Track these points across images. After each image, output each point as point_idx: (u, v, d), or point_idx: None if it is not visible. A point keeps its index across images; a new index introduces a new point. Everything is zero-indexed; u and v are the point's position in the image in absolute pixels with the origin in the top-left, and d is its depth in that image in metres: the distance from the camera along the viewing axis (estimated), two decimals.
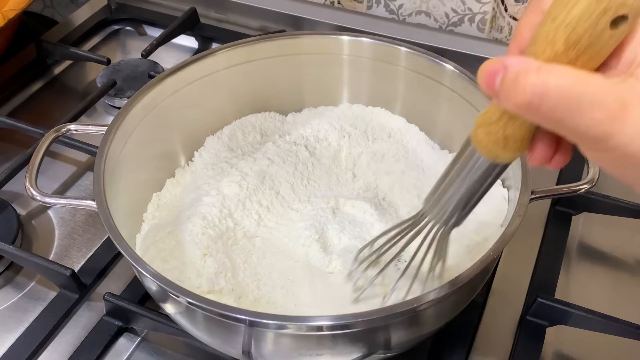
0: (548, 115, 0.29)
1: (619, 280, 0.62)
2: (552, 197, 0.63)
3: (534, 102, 0.29)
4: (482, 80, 0.31)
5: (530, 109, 0.29)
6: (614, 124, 0.28)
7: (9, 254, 0.60)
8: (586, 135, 0.28)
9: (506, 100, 0.30)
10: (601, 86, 0.28)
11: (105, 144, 0.55)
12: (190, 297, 0.44)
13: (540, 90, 0.28)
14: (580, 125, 0.28)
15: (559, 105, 0.28)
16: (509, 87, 0.29)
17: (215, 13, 0.95)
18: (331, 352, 0.46)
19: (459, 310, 0.51)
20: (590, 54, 0.29)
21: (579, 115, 0.28)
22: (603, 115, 0.28)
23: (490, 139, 0.35)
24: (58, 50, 0.86)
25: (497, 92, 0.30)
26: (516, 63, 0.29)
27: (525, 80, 0.29)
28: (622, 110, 0.27)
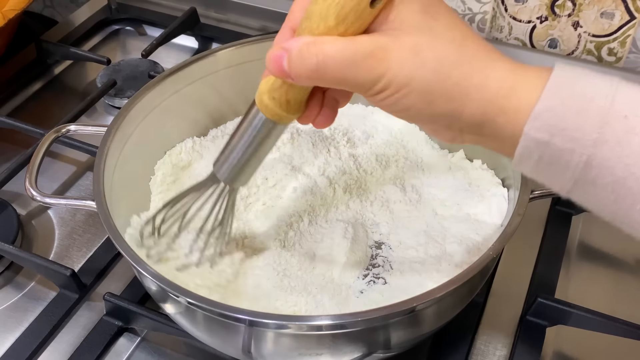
0: (333, 76, 0.36)
1: (619, 280, 0.62)
2: (552, 196, 0.63)
3: (320, 70, 0.35)
4: (271, 66, 0.37)
5: (318, 76, 0.36)
6: (382, 65, 0.35)
7: (9, 254, 0.60)
8: (366, 83, 0.35)
9: (297, 77, 0.36)
10: (366, 41, 0.35)
11: (105, 144, 0.55)
12: (190, 297, 0.44)
13: (321, 59, 0.35)
14: (359, 76, 0.35)
15: (338, 66, 0.35)
16: (296, 64, 0.36)
17: (215, 13, 0.95)
18: (331, 352, 0.46)
19: (459, 310, 0.51)
20: (355, 27, 0.36)
21: (356, 68, 0.35)
22: (373, 61, 0.35)
23: (274, 103, 0.41)
24: (58, 50, 0.86)
25: (288, 73, 0.37)
26: (294, 43, 0.36)
27: (307, 53, 0.35)
28: (385, 53, 0.35)
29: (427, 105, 0.36)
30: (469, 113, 0.35)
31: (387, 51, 0.35)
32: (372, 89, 0.36)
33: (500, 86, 0.35)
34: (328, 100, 0.43)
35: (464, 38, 0.36)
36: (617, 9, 0.75)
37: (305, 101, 0.41)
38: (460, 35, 0.36)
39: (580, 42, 0.79)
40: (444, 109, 0.36)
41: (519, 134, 0.34)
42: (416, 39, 0.35)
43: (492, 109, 0.35)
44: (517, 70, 0.35)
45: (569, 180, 0.34)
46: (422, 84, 0.35)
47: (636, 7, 0.74)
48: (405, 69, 0.35)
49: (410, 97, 0.35)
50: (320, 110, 0.42)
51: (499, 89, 0.35)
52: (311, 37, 0.36)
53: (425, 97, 0.35)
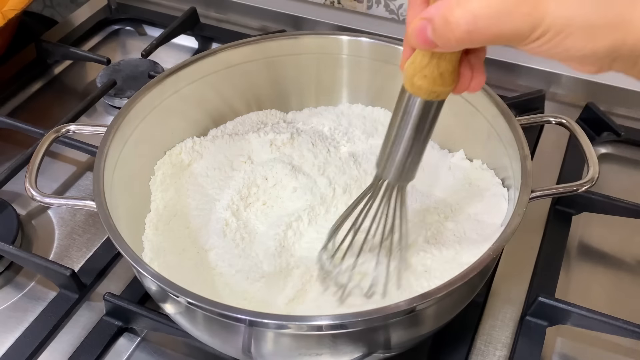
0: (487, 34, 0.33)
1: (619, 280, 0.62)
2: (552, 197, 0.63)
3: (472, 30, 0.33)
4: (415, 39, 0.36)
5: (471, 37, 0.33)
6: (538, 8, 0.32)
7: (9, 254, 0.60)
8: (523, 32, 0.33)
9: (446, 43, 0.34)
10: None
11: (105, 144, 0.55)
12: (190, 297, 0.44)
13: (471, 17, 0.33)
14: (515, 26, 0.32)
15: (491, 22, 0.32)
16: (444, 31, 0.34)
17: (215, 13, 0.96)
18: (331, 352, 0.46)
19: (459, 310, 0.51)
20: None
21: (510, 18, 0.32)
22: (527, 7, 0.32)
23: (427, 81, 0.39)
24: (58, 50, 0.86)
25: (434, 42, 0.35)
26: (436, 10, 0.34)
27: (454, 17, 0.33)
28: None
29: (589, 42, 0.33)
30: (631, 43, 0.33)
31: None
32: (530, 36, 0.33)
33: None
34: (475, 59, 0.40)
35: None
36: None
37: (457, 70, 0.39)
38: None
39: None
40: (606, 42, 0.33)
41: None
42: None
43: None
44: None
45: None
46: (584, 21, 0.32)
47: None
48: (563, 8, 0.32)
49: (572, 37, 0.33)
50: (472, 73, 0.40)
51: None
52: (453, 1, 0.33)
53: (588, 33, 0.33)
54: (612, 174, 0.70)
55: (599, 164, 0.54)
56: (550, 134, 0.75)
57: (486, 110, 0.59)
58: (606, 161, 0.73)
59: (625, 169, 0.72)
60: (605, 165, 0.72)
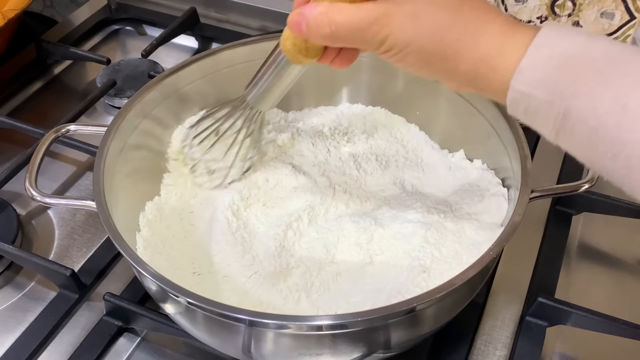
0: (344, 39, 0.42)
1: (619, 280, 0.62)
2: (552, 196, 0.63)
3: (332, 36, 0.41)
4: (292, 28, 0.44)
5: (333, 40, 0.42)
6: (385, 29, 0.40)
7: (9, 254, 0.60)
8: (373, 44, 0.41)
9: (314, 39, 0.43)
10: (371, 9, 0.40)
11: (105, 144, 0.55)
12: (190, 297, 0.44)
13: (334, 28, 0.41)
14: (366, 39, 0.41)
15: (349, 31, 0.41)
16: (312, 29, 0.42)
17: (215, 13, 0.95)
18: (331, 352, 0.46)
19: (459, 310, 0.51)
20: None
21: (364, 32, 0.40)
22: (377, 27, 0.40)
23: (295, 49, 0.46)
24: (58, 50, 0.86)
25: (307, 34, 0.43)
26: (309, 11, 0.42)
27: (321, 22, 0.41)
28: (388, 19, 0.40)
29: (425, 64, 0.41)
30: (462, 70, 0.40)
31: (390, 17, 0.40)
32: (379, 49, 0.41)
33: (489, 47, 0.39)
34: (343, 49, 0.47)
35: (460, 2, 0.40)
36: (617, 9, 0.75)
37: (322, 48, 0.46)
38: (457, 1, 0.40)
39: None
40: (440, 66, 0.41)
41: (508, 87, 0.39)
42: (415, 5, 0.40)
43: (483, 66, 0.40)
44: (508, 32, 0.39)
45: (552, 130, 0.38)
46: (419, 46, 0.40)
47: (636, 7, 0.74)
48: (404, 33, 0.40)
49: (411, 56, 0.41)
50: (339, 52, 0.46)
51: (488, 50, 0.39)
52: (325, 6, 0.41)
53: (423, 56, 0.41)
54: None
55: None
56: None
57: (486, 111, 0.59)
58: None
59: None
60: None
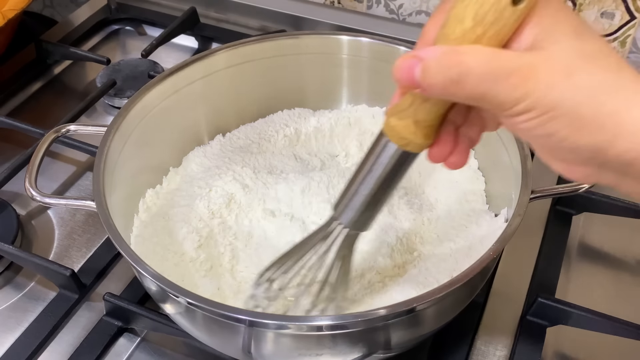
0: (471, 90, 0.32)
1: (619, 280, 0.62)
2: (552, 197, 0.63)
3: (460, 82, 0.32)
4: (401, 75, 0.34)
5: (455, 89, 0.33)
6: (528, 84, 0.32)
7: (9, 254, 0.60)
8: (507, 101, 0.32)
9: (430, 87, 0.33)
10: (512, 57, 0.32)
11: (104, 144, 0.55)
12: (190, 297, 0.44)
13: (462, 69, 0.32)
14: (500, 93, 0.32)
15: (479, 79, 0.32)
16: (433, 73, 0.33)
17: (215, 13, 0.95)
18: (331, 352, 0.46)
19: (459, 310, 0.51)
20: (495, 30, 0.32)
21: (497, 84, 0.32)
22: (517, 79, 0.32)
23: (402, 124, 0.37)
24: (58, 50, 0.86)
25: (419, 82, 0.33)
26: (431, 52, 0.33)
27: (447, 62, 0.32)
28: (532, 72, 0.32)
29: (573, 133, 0.32)
30: (619, 148, 0.32)
31: (536, 70, 0.32)
32: (513, 109, 0.32)
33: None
34: (462, 137, 0.39)
35: (620, 66, 0.33)
36: (618, 9, 0.75)
37: (436, 127, 0.38)
38: (615, 63, 0.33)
39: None
40: (592, 139, 0.32)
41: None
42: (569, 60, 0.32)
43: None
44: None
45: None
46: (572, 108, 0.32)
47: (636, 7, 0.74)
48: (555, 90, 0.31)
49: (556, 122, 0.32)
50: (454, 147, 0.39)
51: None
52: (449, 46, 0.33)
53: (573, 122, 0.32)
54: None
55: None
56: None
57: None
58: None
59: None
60: None
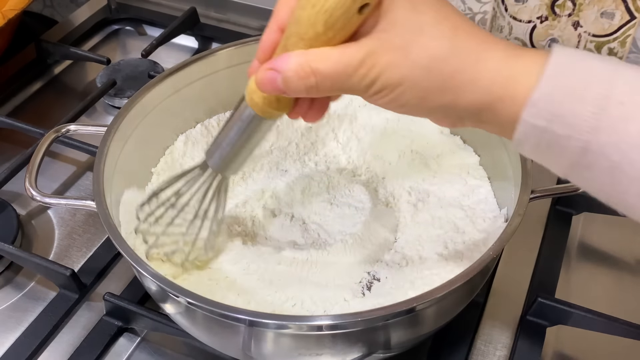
0: (329, 89, 0.37)
1: (620, 280, 0.62)
2: (552, 197, 0.63)
3: (318, 85, 0.37)
4: (267, 88, 0.39)
5: (318, 90, 0.37)
6: (373, 70, 0.36)
7: (9, 254, 0.60)
8: (361, 89, 0.37)
9: (296, 92, 0.38)
10: (355, 51, 0.36)
11: (105, 144, 0.55)
12: (190, 297, 0.44)
13: (317, 77, 0.36)
14: (354, 85, 0.36)
15: (334, 80, 0.36)
16: (293, 83, 0.37)
17: (215, 13, 0.95)
18: (331, 352, 0.46)
19: (459, 310, 0.51)
20: (344, 32, 0.36)
21: (350, 78, 0.36)
22: (364, 69, 0.36)
23: (265, 102, 0.42)
24: (58, 50, 0.86)
25: (284, 90, 0.38)
26: (287, 64, 0.37)
27: (304, 73, 0.37)
28: (375, 59, 0.36)
29: (421, 101, 0.37)
30: (465, 103, 0.36)
31: (377, 55, 0.36)
32: (367, 92, 0.37)
33: (494, 76, 0.35)
34: (315, 102, 0.43)
35: (454, 29, 0.36)
36: (618, 9, 0.75)
37: (293, 99, 0.42)
38: (450, 28, 0.36)
39: (580, 42, 0.79)
40: (439, 102, 0.37)
41: (517, 119, 0.35)
42: (405, 39, 0.36)
43: (488, 98, 0.36)
44: (512, 58, 0.36)
45: (566, 164, 0.35)
46: (414, 82, 0.36)
47: (636, 7, 0.74)
48: (396, 70, 0.36)
49: (405, 95, 0.36)
50: (311, 105, 0.43)
51: (494, 79, 0.35)
52: (302, 55, 0.37)
53: (419, 93, 0.36)
54: None
55: None
56: None
57: None
58: None
59: None
60: None
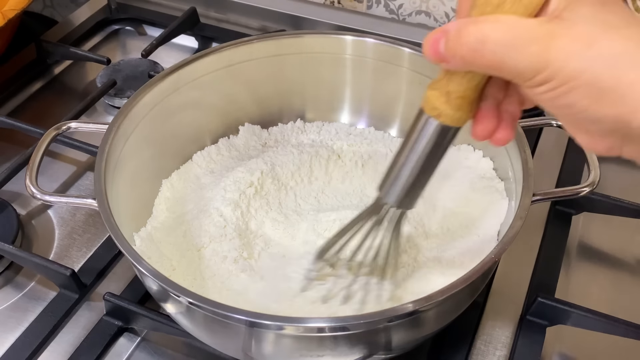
0: (490, 59, 0.32)
1: (619, 280, 0.62)
2: (553, 200, 0.63)
3: (477, 49, 0.32)
4: (428, 49, 0.35)
5: (474, 58, 0.33)
6: (548, 52, 0.31)
7: (9, 254, 0.60)
8: (527, 71, 0.32)
9: (453, 58, 0.34)
10: (532, 25, 0.32)
11: (105, 142, 0.55)
12: (191, 297, 0.44)
13: (480, 37, 0.32)
14: (519, 62, 0.32)
15: (497, 48, 0.32)
16: (453, 44, 0.33)
17: (215, 13, 0.95)
18: (332, 353, 0.46)
19: (460, 311, 0.51)
20: (524, 4, 0.33)
21: (516, 53, 0.32)
22: (537, 48, 0.31)
23: (434, 94, 0.38)
24: (58, 50, 0.86)
25: (444, 56, 0.34)
26: (454, 24, 0.33)
27: (466, 33, 0.33)
28: (552, 40, 0.31)
29: (593, 103, 0.32)
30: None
31: (556, 38, 0.31)
32: (533, 79, 0.32)
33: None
34: (504, 113, 0.39)
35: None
36: None
37: (470, 99, 0.38)
38: (638, 33, 0.31)
39: None
40: (613, 110, 0.31)
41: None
42: (591, 29, 0.31)
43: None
44: None
45: None
46: (593, 78, 0.31)
47: (636, 7, 0.74)
48: (575, 60, 0.31)
49: (577, 92, 0.32)
50: (498, 122, 0.39)
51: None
52: (471, 17, 0.33)
53: (593, 93, 0.31)
54: (612, 173, 0.70)
55: (599, 163, 0.54)
56: (549, 135, 0.75)
57: None
58: (606, 161, 0.73)
59: (625, 169, 0.72)
60: (605, 165, 0.72)
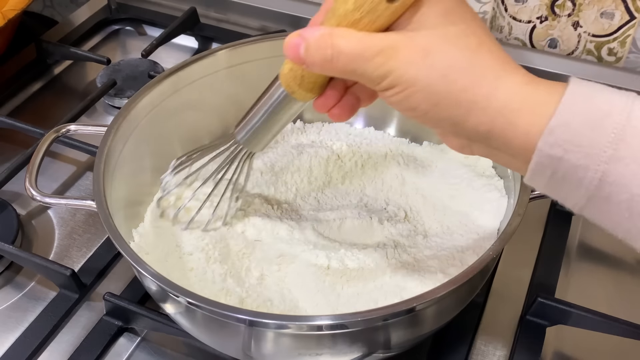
0: (343, 68, 0.37)
1: (619, 280, 0.62)
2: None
3: (333, 60, 0.37)
4: (289, 52, 0.39)
5: (329, 67, 0.37)
6: (390, 62, 0.36)
7: (9, 254, 0.60)
8: (374, 77, 0.36)
9: (312, 64, 0.38)
10: (378, 39, 0.36)
11: (105, 143, 0.55)
12: (190, 297, 0.44)
13: (335, 51, 0.37)
14: (367, 71, 0.36)
15: (348, 60, 0.37)
16: (312, 53, 0.37)
17: (215, 13, 0.95)
18: (331, 352, 0.46)
19: (458, 310, 0.51)
20: (370, 19, 0.37)
21: (365, 63, 0.36)
22: (381, 58, 0.36)
23: (291, 75, 0.43)
24: (58, 50, 0.86)
25: (303, 59, 0.38)
26: (312, 33, 0.37)
27: (323, 45, 0.37)
28: (394, 52, 0.36)
29: (432, 107, 0.36)
30: (475, 121, 0.35)
31: (397, 50, 0.35)
32: (381, 84, 0.37)
33: (510, 98, 0.35)
34: (349, 95, 0.44)
35: (479, 45, 0.36)
36: (617, 9, 0.75)
37: (320, 84, 0.43)
38: (475, 42, 0.36)
39: (580, 42, 0.79)
40: (449, 113, 0.36)
41: (531, 149, 0.34)
42: (428, 41, 0.35)
43: (501, 120, 0.35)
44: (530, 84, 0.35)
45: (583, 197, 0.35)
46: (427, 86, 0.35)
47: (636, 7, 0.74)
48: (413, 69, 0.35)
49: (416, 97, 0.36)
50: (338, 102, 0.43)
51: (509, 101, 0.35)
52: (328, 29, 0.37)
53: (430, 98, 0.36)
54: None
55: None
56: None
57: None
58: None
59: None
60: None
